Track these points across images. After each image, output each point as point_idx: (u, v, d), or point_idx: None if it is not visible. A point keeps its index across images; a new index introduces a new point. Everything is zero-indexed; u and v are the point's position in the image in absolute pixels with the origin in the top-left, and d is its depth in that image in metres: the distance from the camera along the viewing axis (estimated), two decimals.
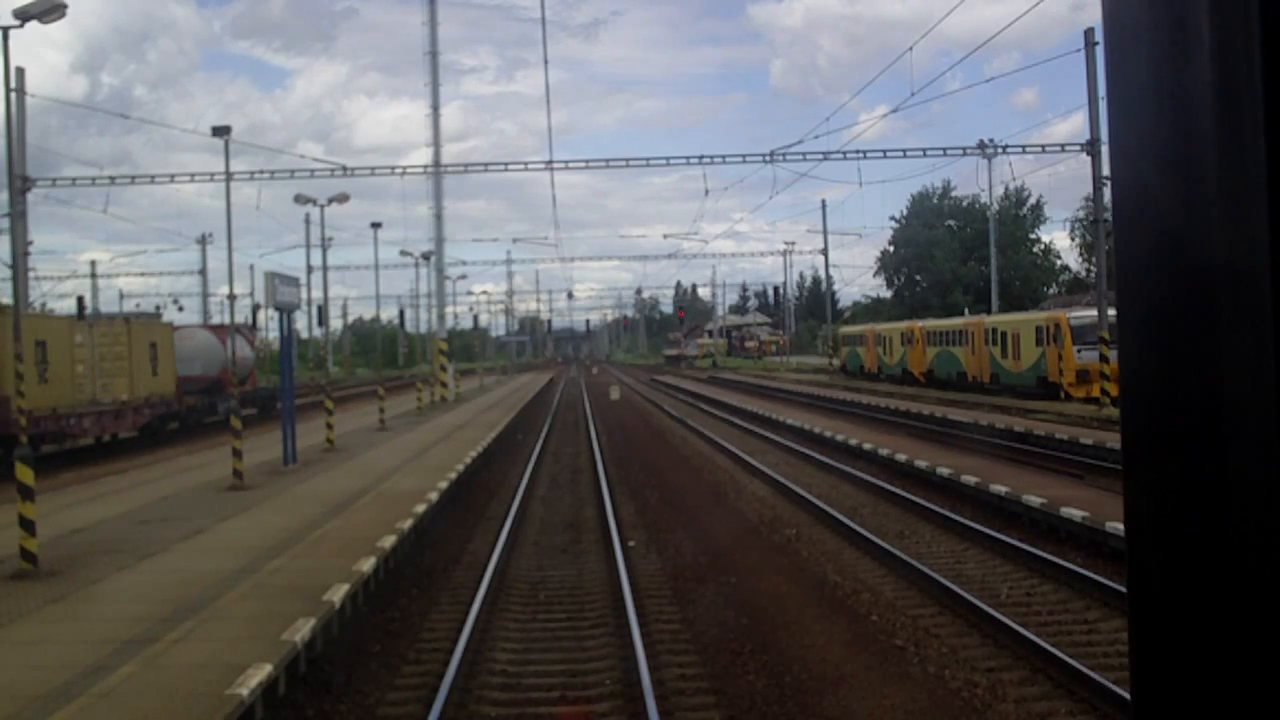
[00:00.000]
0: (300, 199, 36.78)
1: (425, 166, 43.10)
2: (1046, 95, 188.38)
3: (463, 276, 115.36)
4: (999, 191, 64.70)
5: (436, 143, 42.65)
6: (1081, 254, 74.49)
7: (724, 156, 44.22)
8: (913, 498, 17.53)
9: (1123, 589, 5.43)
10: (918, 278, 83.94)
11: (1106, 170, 17.02)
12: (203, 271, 74.73)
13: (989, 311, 49.34)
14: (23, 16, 14.67)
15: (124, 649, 8.24)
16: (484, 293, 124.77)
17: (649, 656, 9.19)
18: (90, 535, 13.66)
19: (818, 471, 22.29)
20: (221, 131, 32.16)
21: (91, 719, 6.80)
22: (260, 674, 7.49)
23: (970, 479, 17.57)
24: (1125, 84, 0.94)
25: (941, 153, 40.68)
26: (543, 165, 41.91)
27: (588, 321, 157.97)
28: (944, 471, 18.84)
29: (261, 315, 60.44)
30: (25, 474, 11.22)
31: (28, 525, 11.11)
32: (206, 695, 7.10)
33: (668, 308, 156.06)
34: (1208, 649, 0.87)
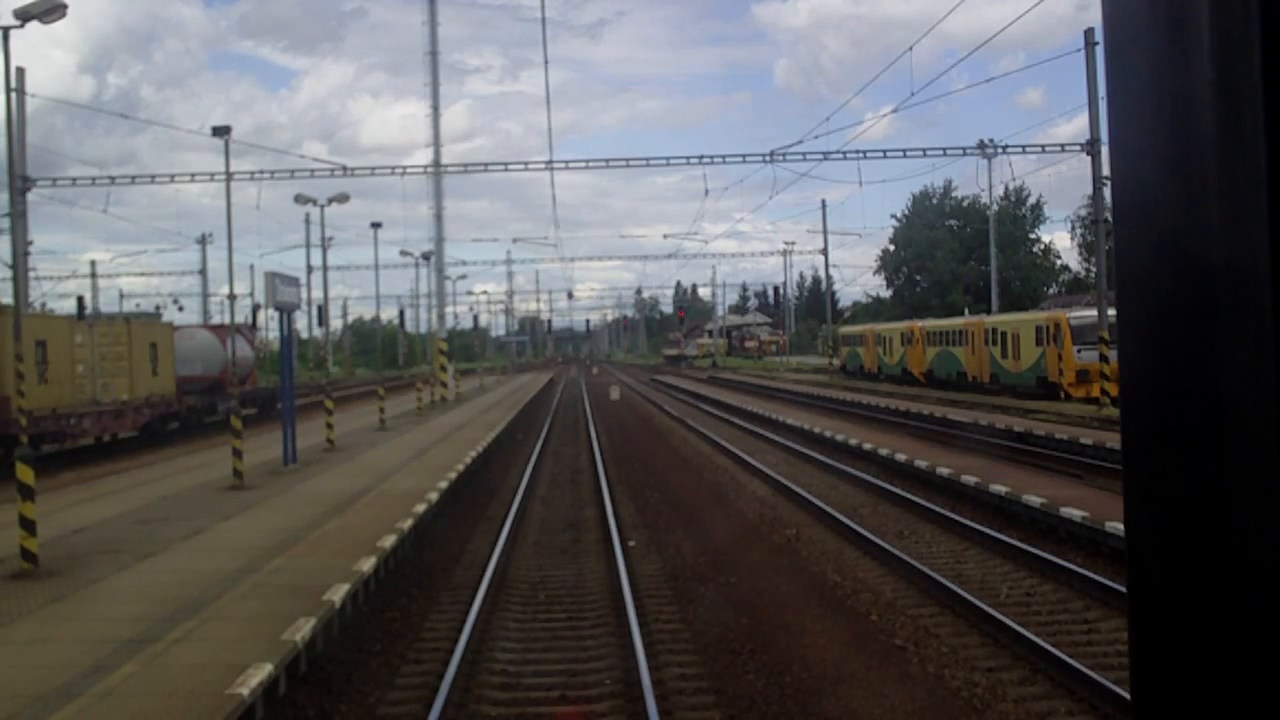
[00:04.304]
0: (300, 199, 36.83)
1: (425, 166, 43.14)
2: (1052, 95, 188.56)
3: (463, 276, 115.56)
4: (999, 191, 64.79)
5: (436, 143, 42.72)
6: (1081, 254, 74.50)
7: (724, 156, 44.31)
8: (913, 498, 17.53)
9: (1123, 589, 5.43)
10: (918, 278, 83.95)
11: (1106, 170, 17.02)
12: (203, 271, 74.84)
13: (989, 311, 49.33)
14: (23, 16, 14.69)
15: (124, 649, 8.24)
16: (484, 293, 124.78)
17: (649, 656, 9.19)
18: (90, 535, 13.66)
19: (817, 471, 22.28)
20: (221, 131, 32.20)
21: (91, 719, 6.80)
22: (261, 674, 7.50)
23: (970, 479, 17.57)
24: (1125, 84, 0.94)
25: (942, 153, 40.78)
26: (543, 165, 42.01)
27: (588, 321, 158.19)
28: (944, 471, 18.83)
29: (261, 315, 60.42)
30: (25, 474, 11.22)
31: (28, 525, 11.11)
32: (207, 695, 7.10)
33: (668, 308, 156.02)
34: (1208, 649, 0.87)
